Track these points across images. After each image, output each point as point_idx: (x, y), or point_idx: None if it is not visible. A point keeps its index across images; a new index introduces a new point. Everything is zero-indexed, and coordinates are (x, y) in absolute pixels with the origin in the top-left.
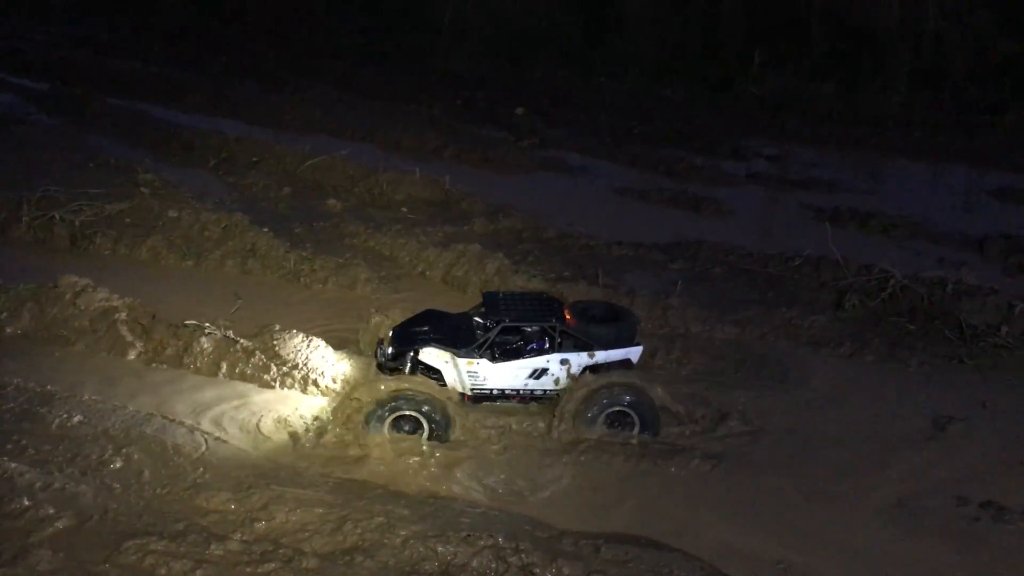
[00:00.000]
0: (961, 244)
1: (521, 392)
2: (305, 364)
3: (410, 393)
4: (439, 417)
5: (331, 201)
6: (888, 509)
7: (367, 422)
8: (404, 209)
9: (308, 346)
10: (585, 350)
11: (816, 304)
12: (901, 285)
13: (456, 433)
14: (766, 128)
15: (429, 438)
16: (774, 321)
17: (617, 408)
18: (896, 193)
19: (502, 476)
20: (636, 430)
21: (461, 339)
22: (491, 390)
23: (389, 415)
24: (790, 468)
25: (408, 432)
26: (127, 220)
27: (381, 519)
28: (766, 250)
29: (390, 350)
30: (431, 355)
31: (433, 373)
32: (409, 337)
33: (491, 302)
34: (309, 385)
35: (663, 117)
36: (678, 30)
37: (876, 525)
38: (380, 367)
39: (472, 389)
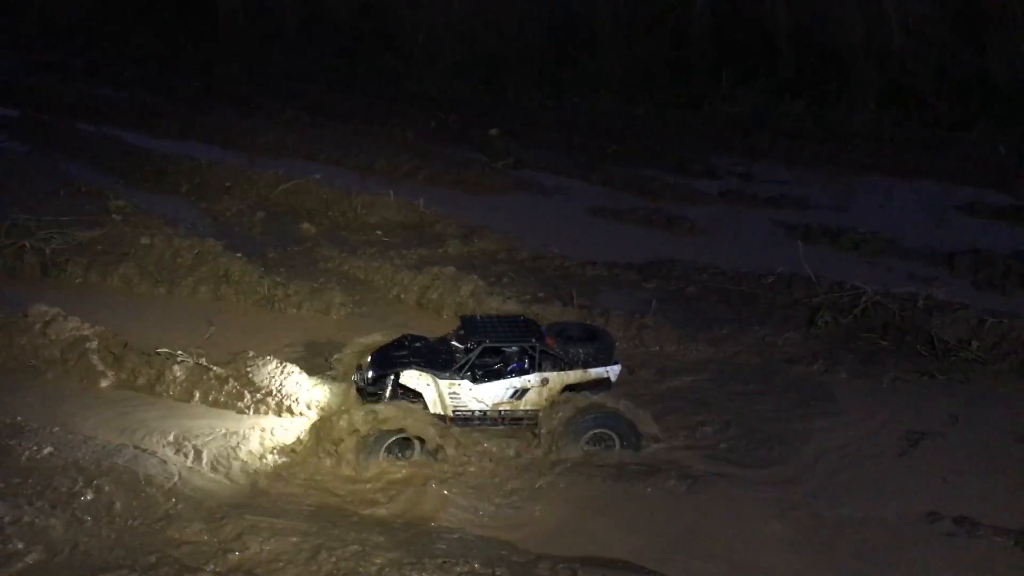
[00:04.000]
0: (931, 259)
1: (503, 414)
2: (279, 390)
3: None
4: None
5: (305, 225)
6: (862, 526)
7: (364, 453)
8: (378, 232)
9: (282, 372)
10: (564, 369)
11: (789, 321)
12: (873, 301)
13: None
14: (737, 146)
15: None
16: (748, 339)
17: (597, 428)
18: (866, 209)
19: (479, 500)
20: (617, 448)
21: (441, 362)
22: (473, 411)
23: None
24: (764, 485)
25: (398, 457)
26: (98, 247)
27: (356, 547)
28: (739, 268)
29: (370, 374)
30: (412, 378)
31: (413, 396)
32: (389, 361)
33: (470, 324)
34: (284, 411)
35: (635, 137)
36: (648, 51)
37: (852, 541)
38: (360, 391)
39: (454, 411)
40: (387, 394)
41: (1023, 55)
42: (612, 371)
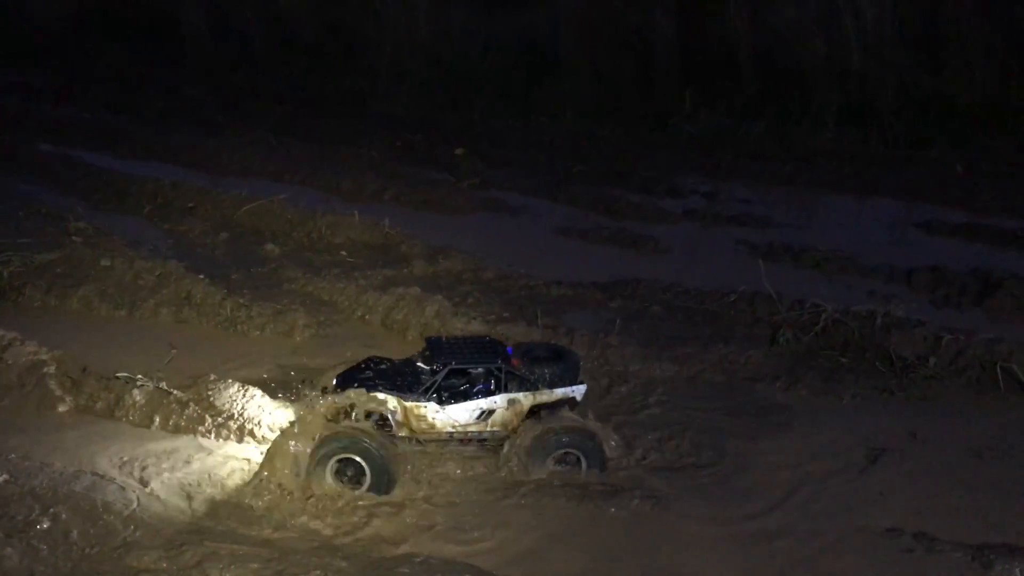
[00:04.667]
0: (890, 277)
1: (469, 435)
2: (241, 414)
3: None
4: (381, 464)
5: (269, 246)
6: (823, 542)
7: (309, 468)
8: (343, 253)
9: (244, 395)
10: (531, 390)
11: (751, 339)
12: (833, 319)
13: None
14: (701, 166)
15: (369, 489)
16: (711, 357)
17: (564, 448)
18: (827, 228)
19: (443, 523)
20: (584, 468)
21: (406, 384)
22: (440, 433)
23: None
24: (726, 503)
25: (350, 479)
26: (58, 270)
27: (318, 573)
28: (703, 287)
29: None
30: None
31: (379, 419)
32: (354, 383)
33: (436, 346)
34: (246, 436)
35: (601, 156)
36: (613, 72)
37: (811, 558)
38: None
39: (421, 433)
40: (353, 417)
41: (980, 75)
42: (578, 391)
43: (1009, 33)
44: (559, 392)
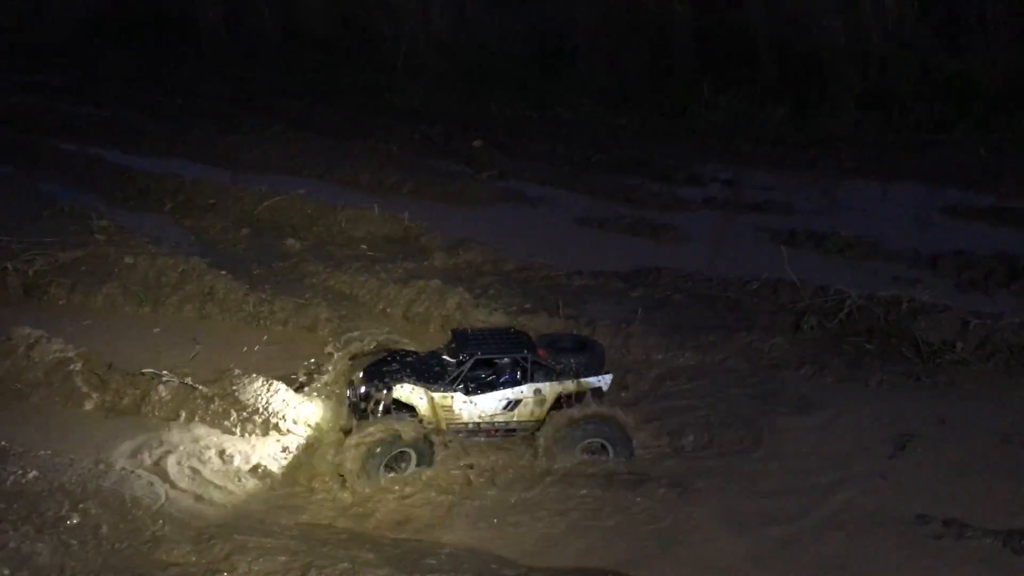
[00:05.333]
0: (914, 262)
1: (496, 426)
2: (266, 408)
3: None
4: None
5: (290, 241)
6: (850, 529)
7: (366, 469)
8: (364, 246)
9: (268, 390)
10: (557, 380)
11: (775, 327)
12: (857, 305)
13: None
14: (720, 153)
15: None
16: (735, 345)
17: (592, 438)
18: (849, 213)
19: (470, 513)
20: (611, 456)
21: (433, 375)
22: (466, 423)
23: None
24: (751, 491)
25: (404, 468)
26: (82, 268)
27: (346, 564)
28: (724, 274)
29: (362, 389)
30: (405, 392)
31: (407, 410)
32: (381, 376)
33: (462, 338)
34: (270, 429)
35: (619, 146)
36: (630, 60)
37: (840, 545)
38: (352, 407)
39: (448, 424)
40: (380, 409)
41: (1002, 57)
42: (604, 380)
43: None
44: (585, 382)
